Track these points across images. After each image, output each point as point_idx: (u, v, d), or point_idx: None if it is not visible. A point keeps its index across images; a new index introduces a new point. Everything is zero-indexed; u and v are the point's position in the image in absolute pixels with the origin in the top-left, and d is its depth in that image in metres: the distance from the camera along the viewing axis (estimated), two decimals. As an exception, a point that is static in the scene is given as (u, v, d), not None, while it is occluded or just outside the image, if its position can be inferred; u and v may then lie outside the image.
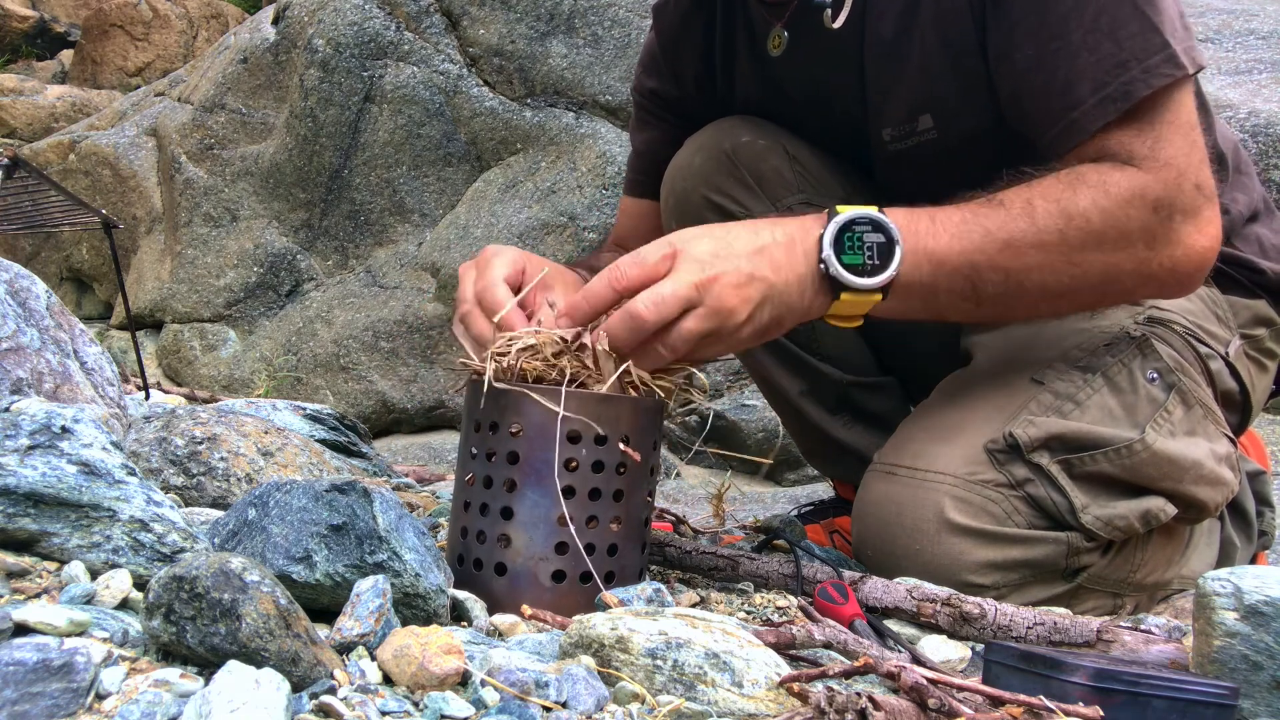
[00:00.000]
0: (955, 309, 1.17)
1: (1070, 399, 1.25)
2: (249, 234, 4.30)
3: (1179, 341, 1.32)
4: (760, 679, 0.76)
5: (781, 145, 1.50)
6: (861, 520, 1.27)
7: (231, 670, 0.64)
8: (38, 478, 0.80)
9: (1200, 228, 1.17)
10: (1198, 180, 1.16)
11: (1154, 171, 1.15)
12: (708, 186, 1.50)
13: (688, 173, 1.53)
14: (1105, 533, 1.21)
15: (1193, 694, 0.75)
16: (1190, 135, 1.17)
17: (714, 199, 1.50)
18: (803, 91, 1.48)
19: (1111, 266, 1.16)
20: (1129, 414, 1.25)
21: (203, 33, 7.70)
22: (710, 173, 1.51)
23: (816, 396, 1.63)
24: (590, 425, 0.97)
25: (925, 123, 1.35)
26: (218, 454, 1.25)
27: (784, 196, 1.50)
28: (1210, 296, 1.40)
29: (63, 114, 6.48)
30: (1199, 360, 1.33)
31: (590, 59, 4.01)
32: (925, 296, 1.13)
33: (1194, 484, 1.25)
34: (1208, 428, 1.29)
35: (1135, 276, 1.17)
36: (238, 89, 4.55)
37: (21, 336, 1.07)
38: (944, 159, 1.35)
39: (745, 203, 1.50)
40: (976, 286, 1.14)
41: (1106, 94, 1.15)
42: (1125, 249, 1.15)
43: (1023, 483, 1.20)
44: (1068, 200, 1.13)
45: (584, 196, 3.79)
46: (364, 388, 3.85)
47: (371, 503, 0.86)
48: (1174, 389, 1.28)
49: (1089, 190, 1.13)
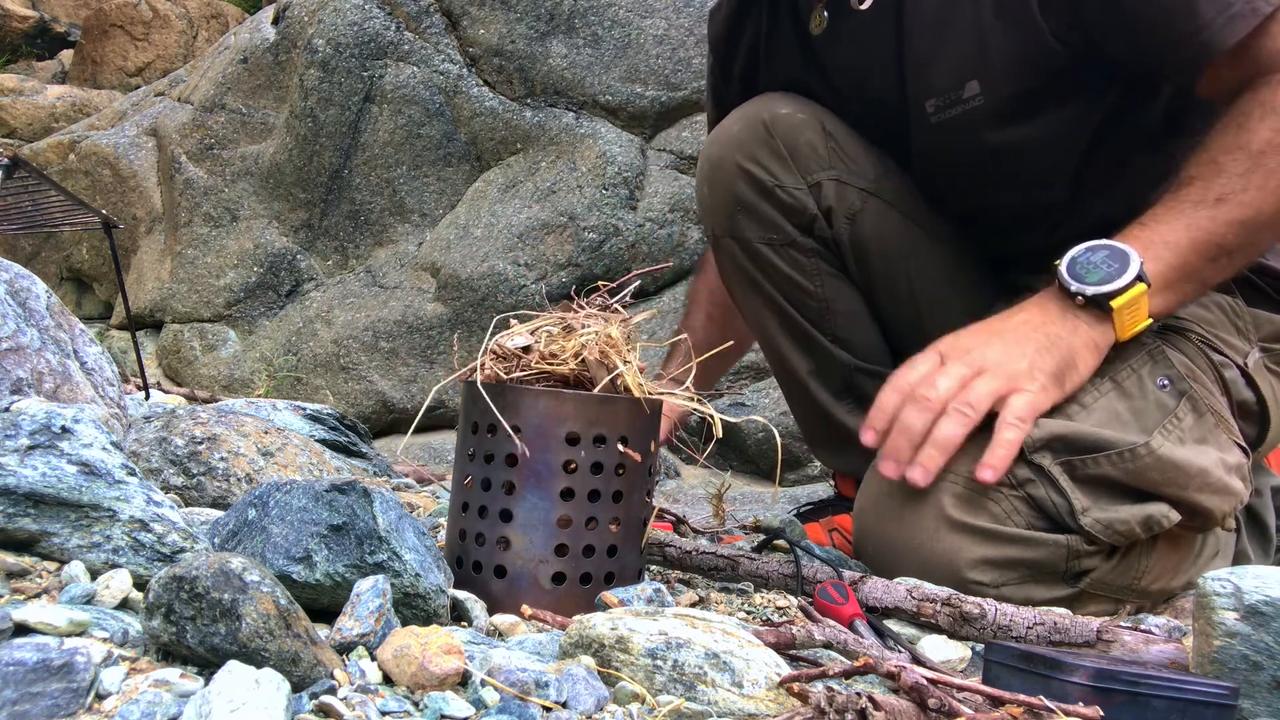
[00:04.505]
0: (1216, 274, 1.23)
1: (1076, 401, 1.24)
2: (249, 234, 4.30)
3: (1192, 349, 1.31)
4: (760, 679, 0.76)
5: (819, 121, 1.52)
6: (862, 514, 1.28)
7: (231, 670, 0.64)
8: (38, 478, 0.80)
9: None
10: None
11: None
12: (742, 154, 1.52)
13: (725, 140, 1.55)
14: (1106, 536, 1.20)
15: (1193, 694, 0.75)
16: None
17: (746, 166, 1.52)
18: (842, 70, 1.51)
19: None
20: (1137, 419, 1.24)
21: (203, 33, 7.70)
22: (746, 140, 1.53)
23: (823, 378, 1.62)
24: (589, 426, 0.97)
25: (972, 89, 1.36)
26: (218, 454, 1.25)
27: (815, 171, 1.52)
28: (1232, 307, 1.39)
29: (63, 114, 6.48)
30: (1213, 368, 1.32)
31: (590, 59, 4.02)
32: (1181, 280, 1.20)
33: (1199, 491, 1.23)
34: (1219, 436, 1.28)
35: None
36: (238, 89, 4.55)
37: (21, 336, 1.07)
38: (990, 125, 1.37)
39: (776, 173, 1.51)
40: (1220, 247, 1.19)
41: (1235, 11, 1.18)
42: None
43: (1023, 483, 1.20)
44: (1245, 140, 1.19)
45: (584, 196, 3.79)
46: (364, 388, 3.85)
47: (371, 503, 0.86)
48: (1185, 396, 1.26)
49: (1259, 121, 1.19)
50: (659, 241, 3.75)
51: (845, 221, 1.52)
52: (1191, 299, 1.27)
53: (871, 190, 1.53)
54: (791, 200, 1.52)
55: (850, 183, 1.52)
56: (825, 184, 1.51)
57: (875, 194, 1.53)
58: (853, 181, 1.52)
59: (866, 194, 1.52)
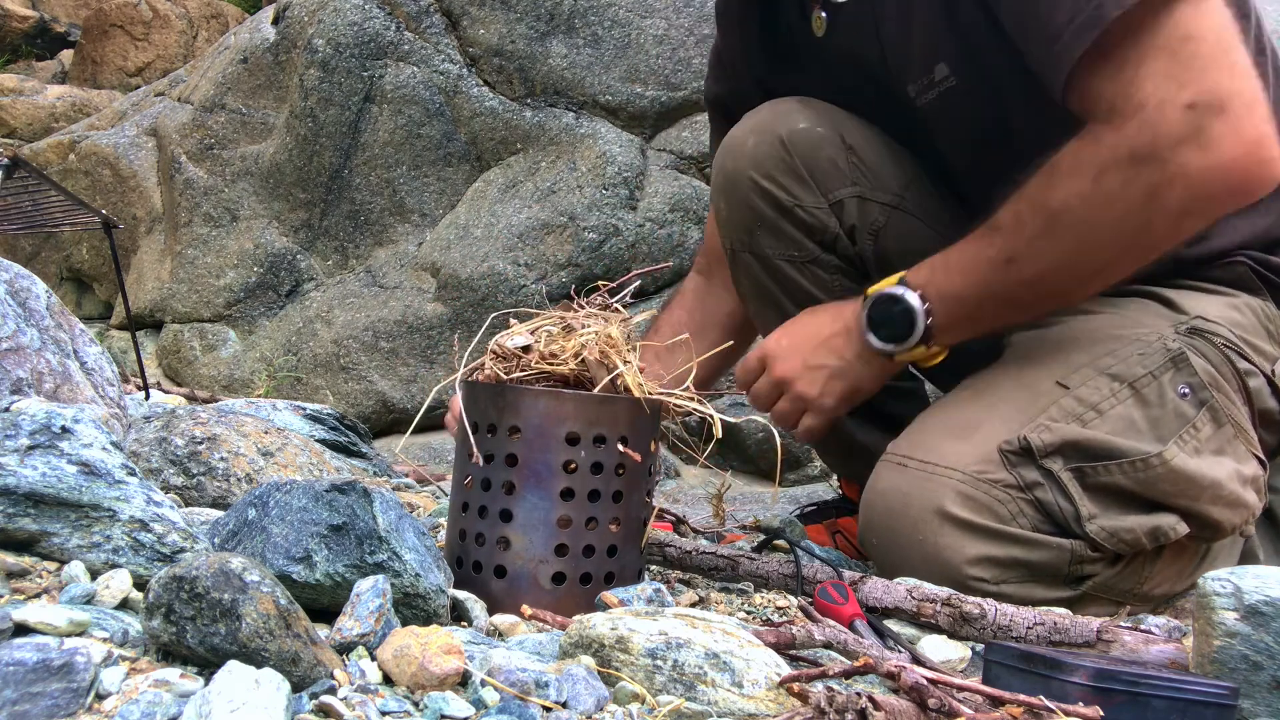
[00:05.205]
0: (1010, 321, 1.30)
1: (1093, 407, 1.23)
2: (249, 234, 4.30)
3: (1217, 356, 1.28)
4: (760, 679, 0.76)
5: (839, 134, 1.47)
6: (868, 508, 1.28)
7: (231, 670, 0.64)
8: (38, 478, 0.80)
9: (1206, 146, 1.07)
10: (1190, 99, 1.07)
11: (1126, 121, 1.11)
12: (759, 171, 1.48)
13: (739, 154, 1.51)
14: (1111, 545, 1.20)
15: (1193, 694, 0.75)
16: (1179, 52, 1.08)
17: (764, 185, 1.47)
18: (844, 68, 1.48)
19: (1129, 230, 1.14)
20: (1153, 427, 1.23)
21: (203, 33, 7.69)
22: (763, 158, 1.48)
23: None
24: (589, 426, 0.97)
25: (942, 71, 1.34)
26: (218, 454, 1.25)
27: (836, 188, 1.47)
28: (1265, 311, 1.36)
29: (63, 114, 6.48)
30: (1237, 376, 1.29)
31: (590, 59, 4.01)
32: (971, 326, 1.27)
33: (1210, 504, 1.22)
34: (1237, 448, 1.27)
35: (1166, 219, 1.13)
36: (238, 89, 4.55)
37: (21, 336, 1.07)
38: (972, 102, 1.35)
39: (796, 193, 1.47)
40: (1011, 302, 1.24)
41: (1080, 20, 1.11)
42: (1130, 212, 1.12)
43: (1032, 486, 1.20)
44: (1046, 197, 1.17)
45: (584, 196, 3.79)
46: (364, 388, 3.85)
47: (371, 503, 0.86)
48: (1205, 405, 1.25)
49: (1064, 177, 1.15)
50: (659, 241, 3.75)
51: (869, 238, 1.49)
52: (980, 336, 1.30)
53: (894, 204, 1.49)
54: (812, 219, 1.47)
55: (872, 198, 1.48)
56: (847, 201, 1.47)
57: (898, 207, 1.49)
58: (875, 196, 1.48)
59: (889, 208, 1.48)
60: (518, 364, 1.02)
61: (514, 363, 1.03)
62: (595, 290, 1.12)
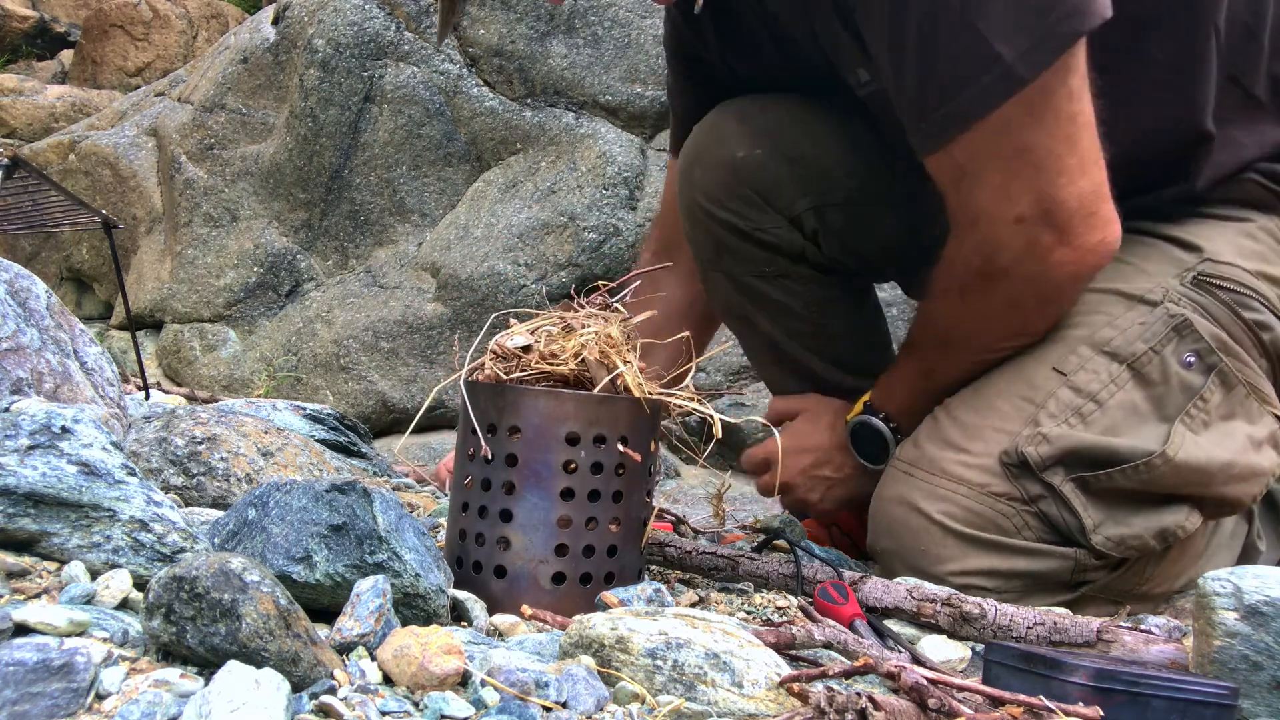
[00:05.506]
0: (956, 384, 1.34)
1: (1092, 397, 1.21)
2: (249, 234, 4.30)
3: (1226, 315, 1.23)
4: (760, 679, 0.76)
5: (779, 150, 1.46)
6: (877, 515, 1.29)
7: (231, 670, 0.64)
8: (38, 478, 0.80)
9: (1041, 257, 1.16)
10: (1017, 214, 1.14)
11: (966, 236, 1.20)
12: (711, 201, 1.48)
13: (691, 184, 1.51)
14: (1117, 552, 1.19)
15: (1193, 694, 0.75)
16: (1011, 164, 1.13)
17: (720, 215, 1.48)
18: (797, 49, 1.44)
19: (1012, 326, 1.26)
20: (1157, 408, 1.20)
21: (203, 33, 7.69)
22: (713, 187, 1.48)
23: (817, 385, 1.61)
24: (589, 426, 0.97)
25: (863, 75, 1.32)
26: (218, 454, 1.25)
27: (791, 203, 1.47)
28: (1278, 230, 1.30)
29: (63, 114, 6.48)
30: (1249, 332, 1.24)
31: (590, 59, 4.02)
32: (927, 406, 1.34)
33: (1224, 485, 1.20)
34: (1249, 408, 1.23)
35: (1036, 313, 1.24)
36: (238, 89, 4.55)
37: (21, 336, 1.07)
38: None
39: (753, 217, 1.47)
40: (957, 385, 1.32)
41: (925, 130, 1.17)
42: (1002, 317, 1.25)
43: (1035, 499, 1.19)
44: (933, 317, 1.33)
45: (584, 196, 3.79)
46: (364, 388, 3.85)
47: (371, 503, 0.86)
48: (1214, 370, 1.21)
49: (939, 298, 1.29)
50: (659, 241, 3.75)
51: (835, 240, 1.49)
52: None
53: (850, 199, 1.48)
54: (775, 239, 1.48)
55: (828, 203, 1.47)
56: (804, 215, 1.47)
57: (855, 202, 1.48)
58: (831, 200, 1.47)
59: (846, 207, 1.48)
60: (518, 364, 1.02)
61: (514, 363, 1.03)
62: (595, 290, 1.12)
